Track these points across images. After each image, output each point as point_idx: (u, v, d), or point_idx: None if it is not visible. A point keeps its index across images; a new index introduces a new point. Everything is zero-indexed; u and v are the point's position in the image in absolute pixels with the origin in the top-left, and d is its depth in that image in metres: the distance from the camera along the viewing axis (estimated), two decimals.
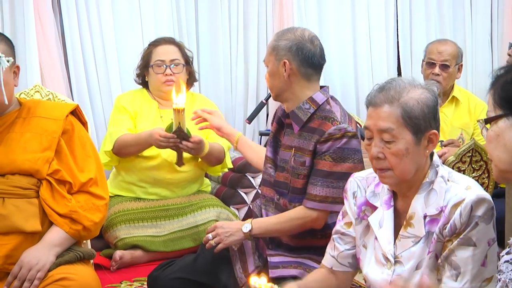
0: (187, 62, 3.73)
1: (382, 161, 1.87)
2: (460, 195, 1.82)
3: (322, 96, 2.47)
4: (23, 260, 2.29)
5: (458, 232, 1.80)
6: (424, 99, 1.85)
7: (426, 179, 1.89)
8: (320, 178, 2.39)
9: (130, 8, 4.26)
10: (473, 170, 3.21)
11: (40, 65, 3.98)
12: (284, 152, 2.51)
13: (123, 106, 3.67)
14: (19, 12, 3.95)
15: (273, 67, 2.47)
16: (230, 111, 4.55)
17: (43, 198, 2.38)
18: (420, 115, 1.84)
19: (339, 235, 2.11)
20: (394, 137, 1.84)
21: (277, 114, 2.64)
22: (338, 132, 2.37)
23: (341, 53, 4.75)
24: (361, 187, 2.06)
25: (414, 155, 1.86)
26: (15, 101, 2.51)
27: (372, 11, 4.73)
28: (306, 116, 2.44)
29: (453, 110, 4.02)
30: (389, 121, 1.84)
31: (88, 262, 2.50)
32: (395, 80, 1.90)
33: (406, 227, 1.91)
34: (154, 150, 3.53)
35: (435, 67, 3.88)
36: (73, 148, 2.48)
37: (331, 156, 2.37)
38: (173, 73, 3.64)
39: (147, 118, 3.65)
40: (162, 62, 3.65)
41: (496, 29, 4.93)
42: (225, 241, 2.49)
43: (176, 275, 2.55)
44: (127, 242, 3.50)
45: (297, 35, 2.47)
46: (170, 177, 3.65)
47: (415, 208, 1.89)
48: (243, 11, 4.47)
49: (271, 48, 2.49)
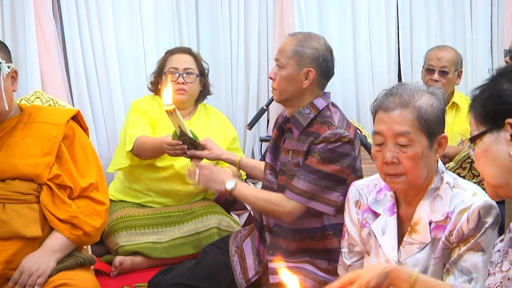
0: (202, 73, 3.69)
1: (397, 166, 1.87)
2: (466, 201, 1.82)
3: (323, 102, 2.47)
4: (24, 266, 2.29)
5: (467, 238, 1.80)
6: (435, 103, 1.88)
7: (431, 185, 1.90)
8: (305, 173, 2.40)
9: (131, 14, 4.26)
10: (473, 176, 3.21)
11: (41, 71, 3.98)
12: (284, 155, 2.52)
13: (144, 110, 3.60)
14: (19, 18, 3.95)
15: (292, 72, 2.45)
16: (231, 117, 4.54)
17: (43, 204, 2.38)
18: (433, 119, 1.86)
19: (345, 248, 2.12)
20: (411, 140, 1.85)
21: (278, 121, 2.64)
22: (333, 136, 2.38)
23: (341, 59, 4.74)
24: (363, 195, 2.06)
25: (427, 159, 1.87)
26: (15, 107, 2.51)
27: (372, 17, 4.73)
28: (306, 121, 2.44)
29: (454, 116, 4.02)
30: (405, 124, 1.85)
31: (88, 268, 2.50)
32: (404, 85, 1.92)
33: (411, 233, 1.91)
34: (167, 161, 3.50)
35: (434, 74, 3.90)
36: (74, 153, 2.48)
37: (319, 155, 2.38)
38: (185, 82, 3.59)
39: (165, 126, 3.52)
40: (176, 70, 3.61)
41: (496, 35, 4.93)
42: (206, 184, 2.53)
43: (176, 280, 2.55)
44: (128, 249, 3.48)
45: (321, 45, 2.49)
46: (180, 189, 3.62)
47: (420, 214, 1.89)
48: (244, 16, 4.47)
49: (293, 52, 2.46)
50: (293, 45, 2.47)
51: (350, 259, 2.11)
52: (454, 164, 3.09)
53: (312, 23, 4.64)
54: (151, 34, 4.26)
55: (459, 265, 1.81)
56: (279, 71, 2.47)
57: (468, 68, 4.84)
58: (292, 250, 2.49)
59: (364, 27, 4.71)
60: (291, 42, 2.49)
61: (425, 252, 1.88)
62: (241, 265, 2.55)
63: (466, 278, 1.80)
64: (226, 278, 2.55)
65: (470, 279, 1.80)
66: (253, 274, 2.52)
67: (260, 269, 2.53)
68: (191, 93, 3.62)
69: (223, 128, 3.72)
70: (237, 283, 2.53)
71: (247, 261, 2.55)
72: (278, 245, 2.52)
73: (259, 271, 2.53)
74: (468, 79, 4.87)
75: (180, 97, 3.52)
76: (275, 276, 2.44)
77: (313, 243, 2.48)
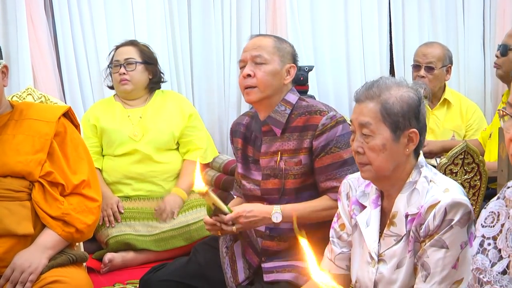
0: (148, 62, 3.75)
1: (362, 156, 1.92)
2: (436, 197, 1.84)
3: (294, 96, 2.50)
4: (16, 263, 2.28)
5: (431, 234, 1.82)
6: (405, 97, 1.89)
7: (409, 179, 1.92)
8: (336, 170, 2.39)
9: (123, 10, 4.26)
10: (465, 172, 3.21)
11: (33, 67, 3.97)
12: (266, 159, 2.49)
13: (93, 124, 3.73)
14: (11, 14, 3.94)
15: (277, 67, 2.45)
16: (224, 112, 4.55)
17: (35, 201, 2.37)
18: (399, 112, 1.88)
19: (335, 237, 2.12)
20: (372, 131, 1.89)
21: (239, 130, 2.62)
22: (330, 121, 2.39)
23: (333, 55, 4.76)
24: (353, 187, 2.08)
25: (392, 152, 1.89)
26: (6, 103, 2.50)
27: (365, 13, 4.74)
28: (284, 117, 2.45)
29: (445, 112, 4.04)
30: (368, 116, 1.89)
31: (81, 265, 2.49)
32: (382, 78, 1.95)
33: (389, 226, 1.93)
34: (129, 146, 3.65)
35: (421, 69, 3.92)
36: (66, 150, 2.48)
37: (336, 146, 2.38)
38: (126, 71, 3.67)
39: (114, 119, 3.71)
40: (118, 61, 3.71)
41: (488, 31, 4.95)
42: (250, 227, 2.41)
43: (167, 277, 2.54)
44: (119, 240, 3.51)
45: (289, 43, 2.52)
46: (152, 170, 3.70)
47: (398, 207, 1.92)
48: (236, 13, 4.47)
49: (275, 48, 2.46)
50: (271, 41, 2.47)
51: (341, 248, 2.11)
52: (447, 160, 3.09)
53: (305, 19, 4.65)
54: (143, 31, 4.26)
55: (422, 260, 1.84)
56: (260, 67, 2.44)
57: (460, 64, 4.86)
58: (285, 250, 2.47)
59: (357, 24, 4.72)
60: (267, 40, 2.49)
61: (401, 244, 1.90)
62: (231, 268, 2.54)
63: (424, 273, 1.82)
64: (217, 277, 2.54)
65: (427, 275, 1.81)
66: (243, 278, 2.52)
67: (250, 273, 2.52)
68: (135, 81, 3.70)
69: (179, 107, 3.80)
70: (228, 286, 2.52)
71: (237, 263, 2.54)
72: (270, 247, 2.49)
73: (249, 277, 2.52)
74: (460, 75, 4.89)
75: (124, 87, 3.65)
76: (269, 275, 2.43)
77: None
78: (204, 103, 4.55)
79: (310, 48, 4.68)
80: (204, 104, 4.55)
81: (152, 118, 3.71)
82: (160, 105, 3.77)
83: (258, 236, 2.51)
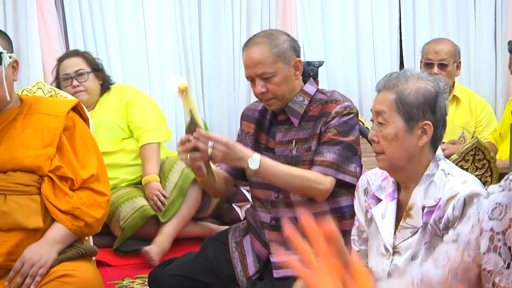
0: (95, 69, 3.79)
1: (376, 144, 1.95)
2: (455, 189, 1.84)
3: (312, 87, 2.51)
4: (26, 256, 2.29)
5: (451, 226, 1.81)
6: (421, 89, 1.90)
7: (427, 172, 1.92)
8: (327, 146, 2.39)
9: (133, 4, 4.26)
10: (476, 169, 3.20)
11: (43, 62, 3.98)
12: (281, 148, 2.49)
13: None
14: (21, 9, 3.95)
15: (285, 72, 2.42)
16: (233, 110, 4.55)
17: (44, 195, 2.38)
18: (414, 103, 1.89)
19: (356, 235, 2.16)
20: (385, 120, 1.91)
21: (252, 116, 2.61)
22: (344, 109, 2.41)
23: (344, 51, 4.75)
24: (370, 182, 2.10)
25: (404, 142, 1.90)
26: (16, 98, 2.50)
27: (375, 9, 4.72)
28: (302, 108, 2.46)
29: (454, 108, 4.01)
30: (384, 104, 1.91)
31: (90, 259, 2.50)
32: (406, 70, 1.97)
33: (406, 218, 1.94)
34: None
35: (434, 67, 3.89)
36: (75, 144, 2.48)
37: (336, 128, 2.39)
38: (79, 83, 3.72)
39: None
40: (68, 75, 3.73)
41: (500, 27, 4.92)
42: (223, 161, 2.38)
43: (176, 272, 2.55)
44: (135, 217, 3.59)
45: (284, 34, 2.50)
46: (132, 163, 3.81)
47: (414, 199, 1.92)
48: (246, 9, 4.46)
49: (274, 55, 2.39)
50: (267, 50, 2.40)
51: (360, 246, 2.14)
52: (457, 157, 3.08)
53: (315, 15, 4.63)
54: (153, 24, 4.27)
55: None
56: (270, 81, 2.40)
57: (471, 60, 4.83)
58: None
59: (367, 19, 4.70)
60: (262, 51, 2.41)
61: (417, 236, 1.91)
62: (241, 262, 2.54)
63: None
64: (226, 272, 2.54)
65: None
66: (253, 272, 2.52)
67: (260, 267, 2.52)
68: (90, 90, 3.76)
69: (119, 98, 3.84)
70: (238, 281, 2.52)
71: (247, 258, 2.55)
72: (279, 239, 2.49)
73: (259, 269, 2.52)
74: (471, 71, 4.86)
75: (81, 97, 3.65)
76: (279, 271, 2.43)
77: None
78: (214, 99, 4.55)
79: (320, 43, 4.67)
80: (214, 100, 4.55)
81: (100, 119, 3.73)
82: (105, 103, 3.83)
83: (264, 228, 2.52)
